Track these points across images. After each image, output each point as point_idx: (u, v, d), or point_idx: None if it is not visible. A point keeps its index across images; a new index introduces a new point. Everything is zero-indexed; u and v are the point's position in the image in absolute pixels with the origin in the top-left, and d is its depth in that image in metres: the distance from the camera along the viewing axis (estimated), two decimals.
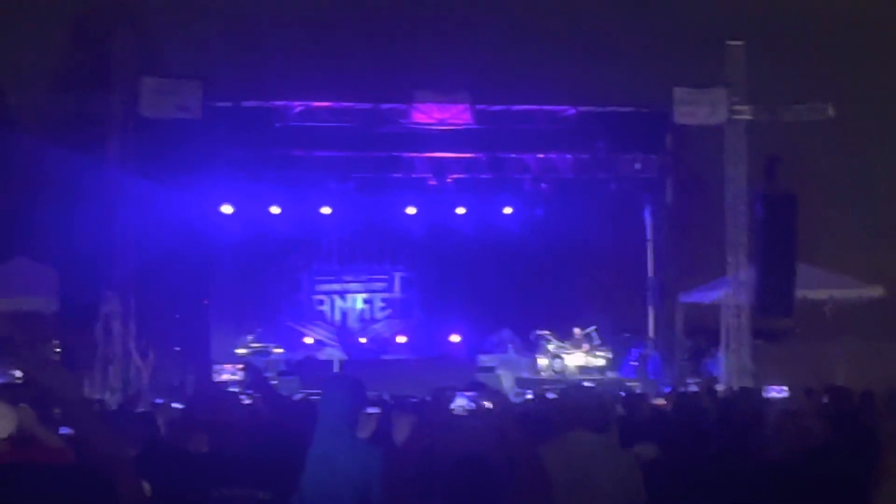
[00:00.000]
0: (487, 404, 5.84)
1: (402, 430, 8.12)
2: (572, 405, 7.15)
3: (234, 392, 10.06)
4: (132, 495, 4.21)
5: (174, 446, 7.69)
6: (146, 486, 6.28)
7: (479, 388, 6.09)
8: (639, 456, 7.95)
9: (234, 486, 6.27)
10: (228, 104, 28.57)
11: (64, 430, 5.93)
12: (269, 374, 28.63)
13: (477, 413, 5.84)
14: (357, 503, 7.10)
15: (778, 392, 12.52)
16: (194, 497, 6.23)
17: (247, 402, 8.15)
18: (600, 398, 11.48)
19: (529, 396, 20.97)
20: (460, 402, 5.85)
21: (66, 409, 4.12)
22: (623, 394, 15.43)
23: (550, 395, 14.48)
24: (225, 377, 21.99)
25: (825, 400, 12.08)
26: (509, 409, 5.81)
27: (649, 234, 32.86)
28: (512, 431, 5.70)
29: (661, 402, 11.80)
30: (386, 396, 17.18)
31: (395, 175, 31.14)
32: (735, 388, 20.15)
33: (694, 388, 21.40)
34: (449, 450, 5.48)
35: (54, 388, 4.03)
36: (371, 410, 11.98)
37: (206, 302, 31.89)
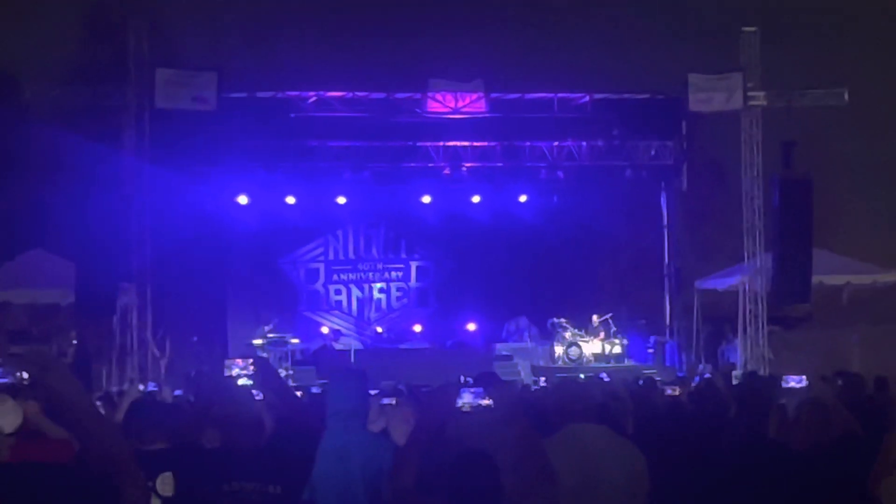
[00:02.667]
0: (486, 402, 5.82)
1: (400, 424, 8.15)
2: (570, 397, 7.15)
3: (245, 386, 10.04)
4: (138, 498, 4.23)
5: (188, 441, 7.71)
6: (168, 482, 6.35)
7: (485, 384, 6.06)
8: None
9: (246, 481, 6.29)
10: (243, 95, 28.68)
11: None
12: (286, 365, 28.87)
13: (481, 408, 5.82)
14: (368, 496, 7.14)
15: (797, 382, 12.39)
16: (206, 491, 6.25)
17: (259, 396, 8.14)
18: (603, 388, 11.51)
19: (543, 384, 20.93)
20: (466, 398, 5.83)
21: (72, 412, 4.13)
22: (641, 381, 15.44)
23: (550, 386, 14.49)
24: (235, 371, 21.92)
25: (839, 383, 12.08)
26: (514, 403, 5.80)
27: (665, 220, 32.81)
28: (516, 425, 5.70)
29: (674, 390, 11.77)
30: (401, 386, 17.15)
31: (410, 164, 31.16)
32: (749, 376, 20.04)
33: (707, 376, 21.30)
34: (452, 445, 5.49)
35: (60, 390, 4.05)
36: (386, 401, 12.00)
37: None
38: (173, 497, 6.47)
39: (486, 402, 5.83)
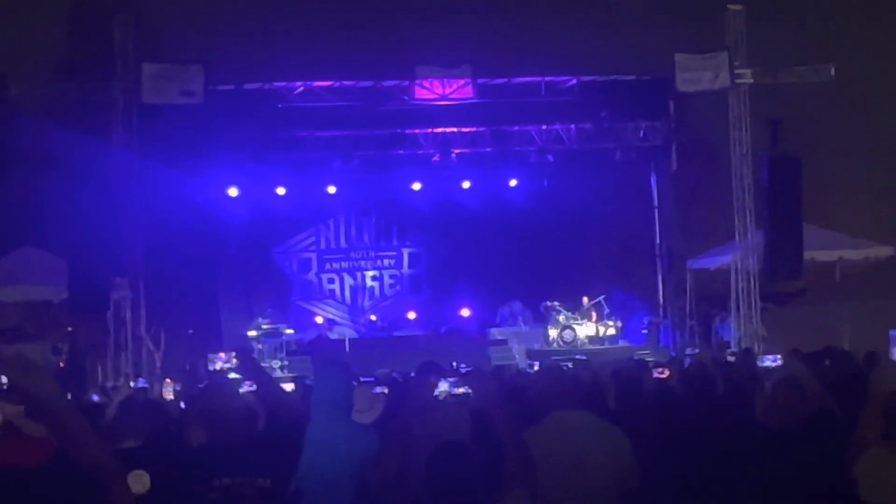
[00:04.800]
0: (461, 390, 5.84)
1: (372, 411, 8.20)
2: (554, 383, 7.17)
3: (230, 380, 10.07)
4: (120, 498, 4.26)
5: (175, 437, 7.77)
6: (144, 481, 6.36)
7: (461, 374, 6.09)
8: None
9: (234, 476, 6.33)
10: (230, 87, 28.67)
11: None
12: (280, 356, 28.93)
13: (460, 398, 5.85)
14: (354, 486, 7.18)
15: (772, 361, 12.49)
16: (194, 488, 6.28)
17: (244, 390, 8.18)
18: (587, 374, 11.53)
19: (537, 368, 20.97)
20: (443, 388, 5.86)
21: (51, 415, 4.16)
22: (634, 360, 15.45)
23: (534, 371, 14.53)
24: (219, 365, 21.96)
25: (827, 363, 12.10)
26: (493, 392, 5.83)
27: (656, 201, 32.87)
28: (495, 415, 5.73)
29: (662, 372, 11.79)
30: (396, 374, 17.15)
31: (399, 152, 31.20)
32: (745, 354, 20.08)
33: (690, 357, 21.39)
34: (431, 435, 5.51)
35: (39, 394, 4.07)
36: (379, 390, 12.03)
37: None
38: (161, 495, 6.50)
39: (461, 390, 5.86)
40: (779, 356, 13.52)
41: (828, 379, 9.61)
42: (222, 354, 22.66)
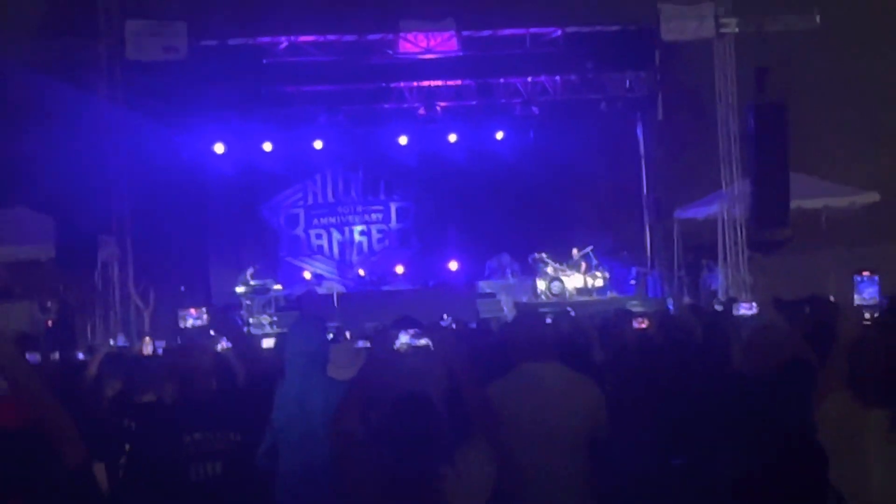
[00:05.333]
0: (422, 342, 5.87)
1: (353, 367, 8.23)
2: (526, 333, 7.18)
3: (204, 337, 10.13)
4: (74, 456, 4.31)
5: (143, 396, 7.81)
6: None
7: (421, 326, 6.11)
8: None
9: (206, 430, 6.39)
10: (214, 43, 28.51)
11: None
12: (269, 311, 29.01)
13: (422, 351, 5.88)
14: (331, 441, 7.22)
15: (748, 309, 12.60)
16: (167, 444, 6.34)
17: (221, 347, 8.23)
18: (567, 325, 11.57)
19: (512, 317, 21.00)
20: (404, 340, 5.89)
21: (13, 382, 4.20)
22: (616, 311, 15.50)
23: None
24: (190, 322, 21.96)
25: (806, 311, 12.13)
26: (456, 345, 5.85)
27: (642, 151, 32.84)
28: (457, 368, 5.75)
29: (642, 322, 11.83)
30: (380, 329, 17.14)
31: (384, 106, 31.15)
32: (730, 303, 20.17)
33: (670, 307, 21.51)
34: (394, 387, 5.54)
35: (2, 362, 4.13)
36: (361, 344, 12.10)
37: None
38: (135, 451, 6.57)
39: (422, 342, 5.88)
40: (754, 304, 13.58)
41: (807, 327, 9.66)
42: (193, 311, 22.62)
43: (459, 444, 5.39)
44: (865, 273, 10.17)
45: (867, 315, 8.41)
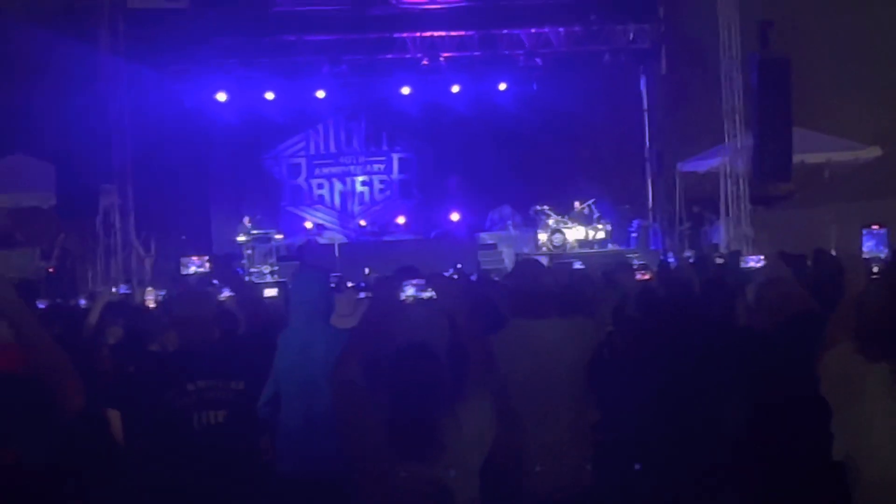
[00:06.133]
0: (427, 294, 5.86)
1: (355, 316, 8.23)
2: (528, 282, 7.18)
3: (206, 285, 10.13)
4: (71, 402, 4.32)
5: (145, 345, 7.82)
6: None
7: (426, 276, 6.09)
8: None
9: (209, 379, 6.40)
10: None
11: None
12: (271, 261, 29.01)
13: (425, 301, 5.86)
14: (332, 390, 7.23)
15: (756, 262, 12.57)
16: (168, 392, 6.34)
17: (224, 296, 8.24)
18: (574, 273, 11.53)
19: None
20: (410, 292, 5.88)
21: (15, 327, 4.22)
22: (618, 262, 15.47)
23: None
24: (192, 269, 21.95)
25: (809, 264, 12.14)
26: (458, 296, 5.85)
27: (645, 104, 32.83)
28: (459, 319, 5.75)
29: (643, 274, 11.82)
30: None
31: (387, 56, 31.03)
32: (733, 256, 20.15)
33: (671, 260, 21.46)
34: (395, 336, 5.54)
35: (3, 307, 4.13)
36: (364, 295, 12.09)
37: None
38: (135, 402, 6.58)
39: (427, 294, 5.87)
40: (762, 257, 13.52)
41: (811, 280, 9.65)
42: (195, 258, 22.59)
43: (461, 396, 5.39)
44: (875, 226, 10.10)
45: (875, 268, 8.35)
